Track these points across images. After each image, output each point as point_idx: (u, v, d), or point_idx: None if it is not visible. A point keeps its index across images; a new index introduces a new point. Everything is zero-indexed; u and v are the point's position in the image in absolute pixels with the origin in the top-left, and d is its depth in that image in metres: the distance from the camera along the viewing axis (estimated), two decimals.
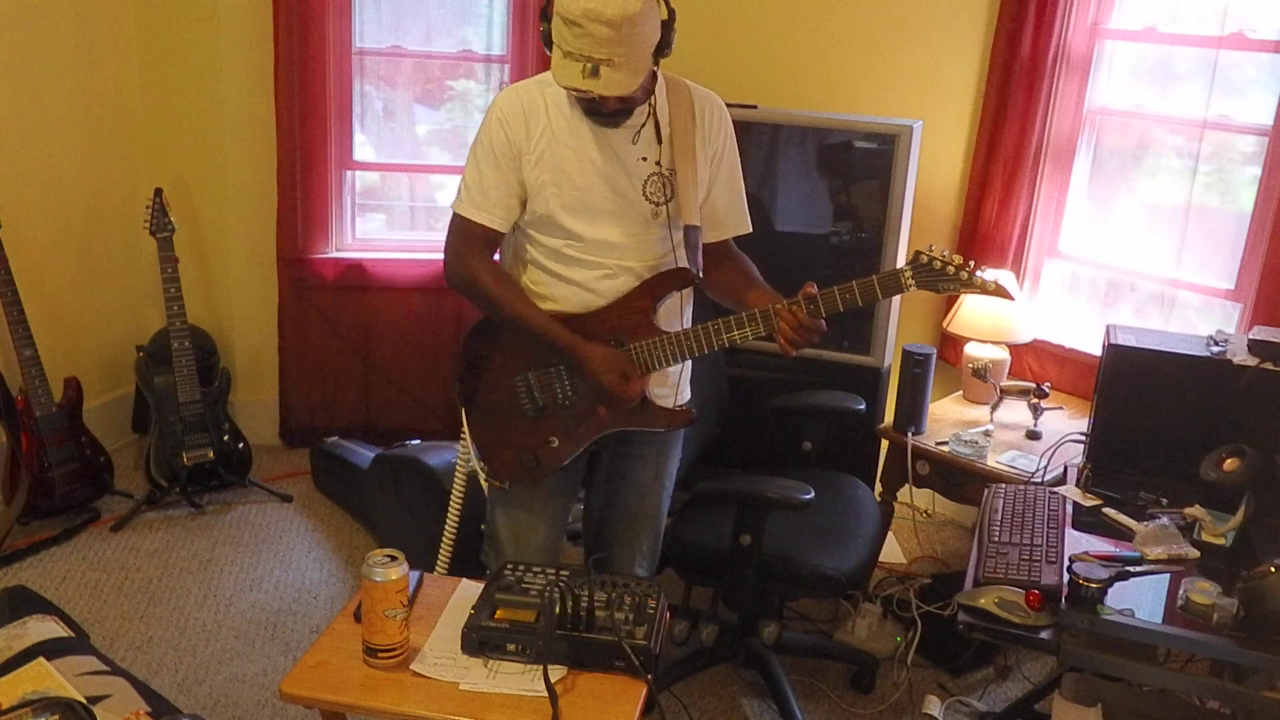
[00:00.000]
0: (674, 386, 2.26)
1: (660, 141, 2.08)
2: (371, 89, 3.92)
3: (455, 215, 2.14)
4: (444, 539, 2.52)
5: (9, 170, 3.37)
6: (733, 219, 2.25)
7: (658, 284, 2.14)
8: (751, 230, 2.27)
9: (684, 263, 2.14)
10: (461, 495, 2.49)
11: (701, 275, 2.13)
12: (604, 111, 2.00)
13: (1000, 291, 1.99)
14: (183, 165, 3.78)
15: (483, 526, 2.39)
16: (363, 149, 3.93)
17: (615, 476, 2.36)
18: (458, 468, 2.48)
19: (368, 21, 3.77)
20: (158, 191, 3.45)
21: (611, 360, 2.12)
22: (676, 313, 2.23)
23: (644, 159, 2.09)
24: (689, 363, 2.28)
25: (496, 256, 2.23)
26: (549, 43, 1.95)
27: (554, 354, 2.16)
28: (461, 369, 2.28)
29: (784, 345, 2.05)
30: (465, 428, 2.30)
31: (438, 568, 2.52)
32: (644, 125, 2.07)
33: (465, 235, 2.14)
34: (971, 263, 1.97)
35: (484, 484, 2.30)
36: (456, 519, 2.51)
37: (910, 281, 1.97)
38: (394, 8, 3.82)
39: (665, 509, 2.41)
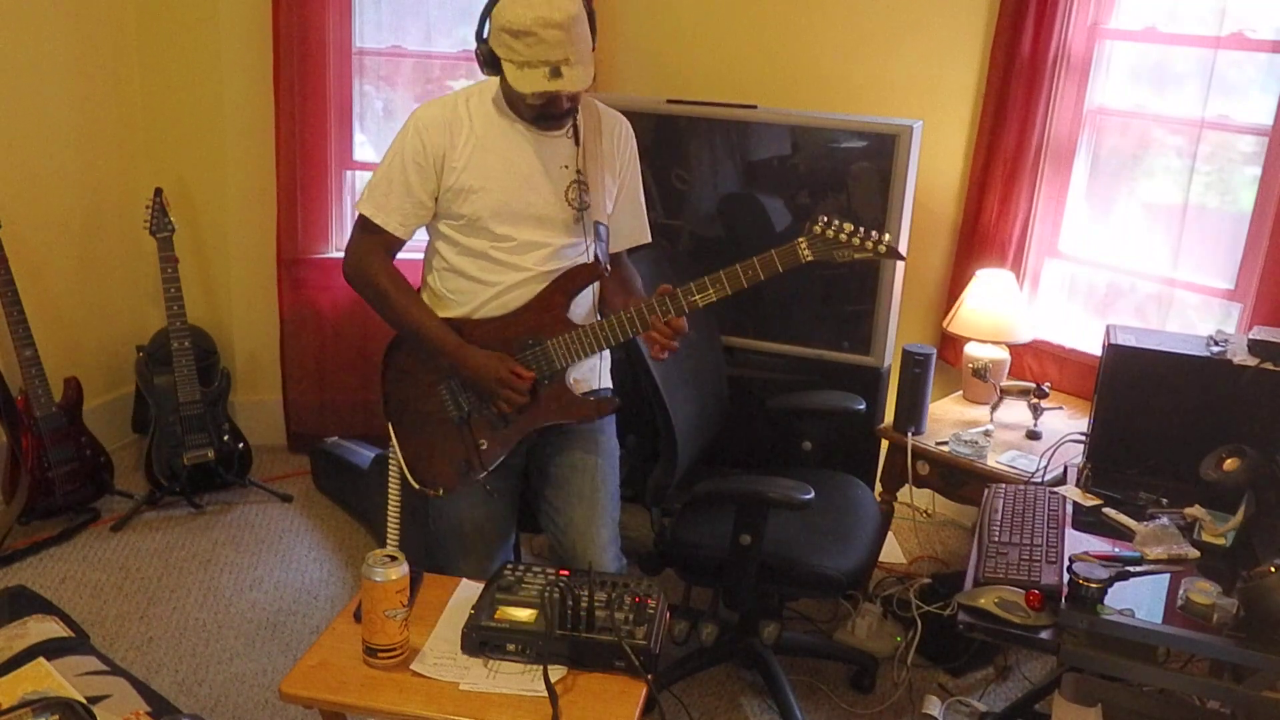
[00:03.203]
0: (589, 375, 2.34)
1: (578, 144, 2.20)
2: (371, 89, 3.92)
3: (359, 212, 2.24)
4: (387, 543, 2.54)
5: (9, 170, 3.37)
6: (634, 230, 2.41)
7: (569, 280, 2.23)
8: (650, 240, 2.43)
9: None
10: (398, 506, 2.50)
11: (609, 269, 2.25)
12: (558, 114, 2.11)
13: (892, 253, 2.06)
14: (183, 165, 3.78)
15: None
16: (363, 149, 3.92)
17: (562, 479, 2.34)
18: (390, 479, 2.48)
19: (368, 21, 3.77)
20: (158, 191, 3.46)
21: (490, 365, 2.18)
22: (588, 307, 2.31)
23: (565, 166, 2.20)
24: (607, 352, 2.35)
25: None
26: (490, 63, 2.06)
27: (443, 360, 2.23)
28: (386, 384, 2.34)
29: (660, 342, 2.12)
30: (393, 441, 2.34)
31: None
32: (566, 126, 2.20)
33: (364, 232, 2.25)
34: (862, 229, 2.05)
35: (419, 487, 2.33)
36: (397, 527, 2.52)
37: (807, 252, 2.07)
38: (394, 7, 3.82)
39: (617, 486, 2.41)
